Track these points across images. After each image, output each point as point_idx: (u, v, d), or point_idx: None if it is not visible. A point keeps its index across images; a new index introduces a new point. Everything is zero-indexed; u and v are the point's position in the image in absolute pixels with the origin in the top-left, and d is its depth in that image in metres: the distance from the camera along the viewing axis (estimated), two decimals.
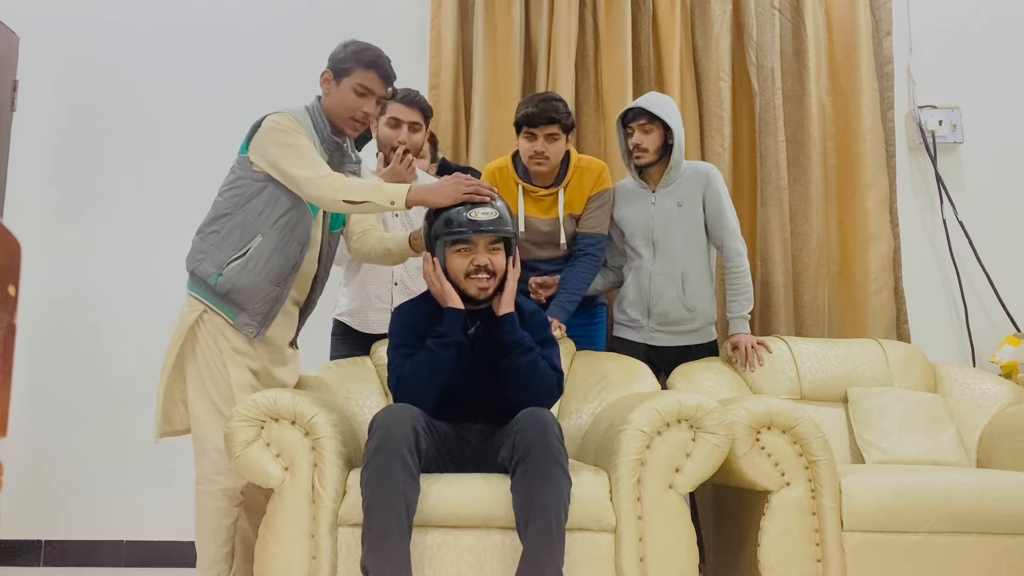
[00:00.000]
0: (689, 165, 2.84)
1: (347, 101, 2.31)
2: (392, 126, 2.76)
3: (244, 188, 2.29)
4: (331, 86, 2.34)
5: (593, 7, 3.47)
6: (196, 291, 2.30)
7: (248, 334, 2.28)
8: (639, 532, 1.98)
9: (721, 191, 2.80)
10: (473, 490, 1.97)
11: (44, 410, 3.36)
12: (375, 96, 2.33)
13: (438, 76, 3.43)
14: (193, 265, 2.30)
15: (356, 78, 2.30)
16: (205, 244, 2.30)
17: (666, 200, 2.81)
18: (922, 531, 2.15)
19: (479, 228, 2.14)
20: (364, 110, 2.32)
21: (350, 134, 2.38)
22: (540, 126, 2.72)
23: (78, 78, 3.57)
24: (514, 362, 2.13)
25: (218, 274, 2.26)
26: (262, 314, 2.30)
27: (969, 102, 3.63)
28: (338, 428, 2.06)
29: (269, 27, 3.61)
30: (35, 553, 3.29)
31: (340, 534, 1.97)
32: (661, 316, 2.81)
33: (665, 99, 2.82)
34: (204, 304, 2.27)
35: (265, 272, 2.27)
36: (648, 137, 2.77)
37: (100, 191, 3.51)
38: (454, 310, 2.17)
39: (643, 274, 2.82)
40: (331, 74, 2.34)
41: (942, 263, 3.55)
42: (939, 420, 2.70)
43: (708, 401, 2.06)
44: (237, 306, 2.27)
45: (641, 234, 2.83)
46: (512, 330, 2.16)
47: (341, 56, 2.33)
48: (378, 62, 2.32)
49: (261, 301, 2.29)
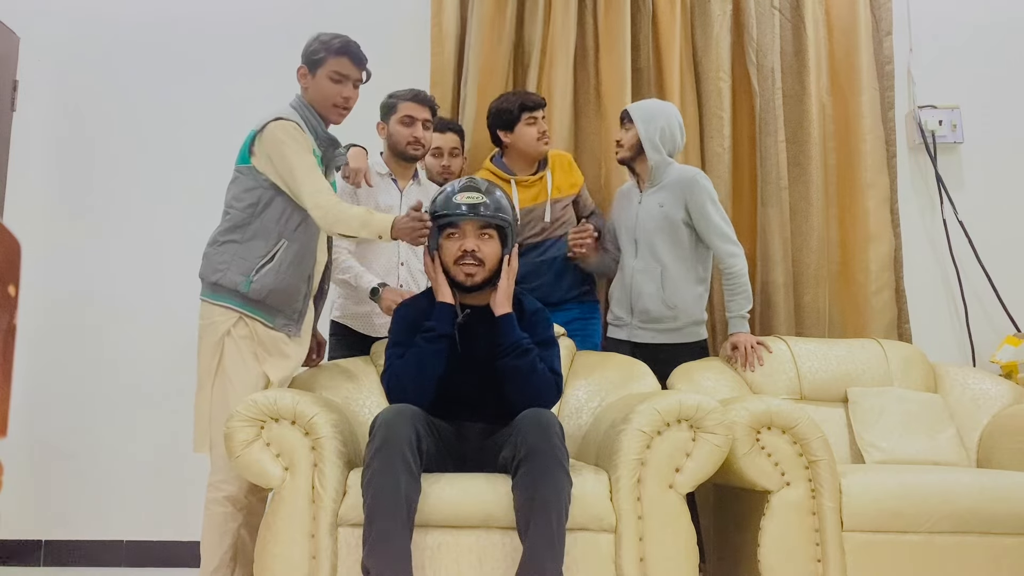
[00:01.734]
0: (677, 169, 2.88)
1: (325, 90, 2.38)
2: (406, 124, 2.82)
3: (258, 196, 2.32)
4: (307, 80, 2.42)
5: (593, 7, 3.47)
6: (226, 300, 2.30)
7: (289, 333, 2.33)
8: (639, 532, 1.98)
9: (703, 196, 2.80)
10: (474, 490, 1.97)
11: (44, 410, 3.36)
12: (351, 80, 2.40)
13: (439, 74, 3.43)
14: (216, 276, 2.31)
15: (330, 66, 2.37)
16: (225, 255, 2.31)
17: (650, 200, 2.87)
18: (922, 531, 2.15)
19: (464, 211, 2.17)
20: (343, 95, 2.39)
21: (335, 120, 2.43)
22: (539, 108, 2.96)
23: (78, 78, 3.57)
24: (511, 364, 2.13)
25: (248, 281, 2.28)
26: (297, 311, 2.36)
27: (969, 102, 3.62)
28: (338, 428, 2.06)
29: (269, 28, 3.61)
30: (35, 553, 3.29)
31: (340, 534, 1.97)
32: (642, 313, 2.84)
33: (651, 103, 2.93)
34: (238, 312, 2.29)
35: (297, 272, 2.34)
36: (626, 135, 2.91)
37: (100, 191, 3.50)
38: (444, 304, 2.18)
39: (626, 271, 2.89)
40: (306, 68, 2.42)
41: (942, 263, 3.55)
42: (939, 420, 2.70)
43: (708, 401, 2.06)
44: (273, 308, 2.31)
45: (626, 232, 2.91)
46: (510, 331, 2.16)
47: (313, 48, 2.41)
48: (348, 47, 2.39)
49: (295, 299, 2.34)
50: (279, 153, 2.27)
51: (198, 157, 3.52)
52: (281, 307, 2.31)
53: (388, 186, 2.88)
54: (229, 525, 2.27)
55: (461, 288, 2.21)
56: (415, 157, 2.88)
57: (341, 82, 2.38)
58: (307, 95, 2.42)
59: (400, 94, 2.86)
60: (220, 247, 2.33)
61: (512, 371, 2.13)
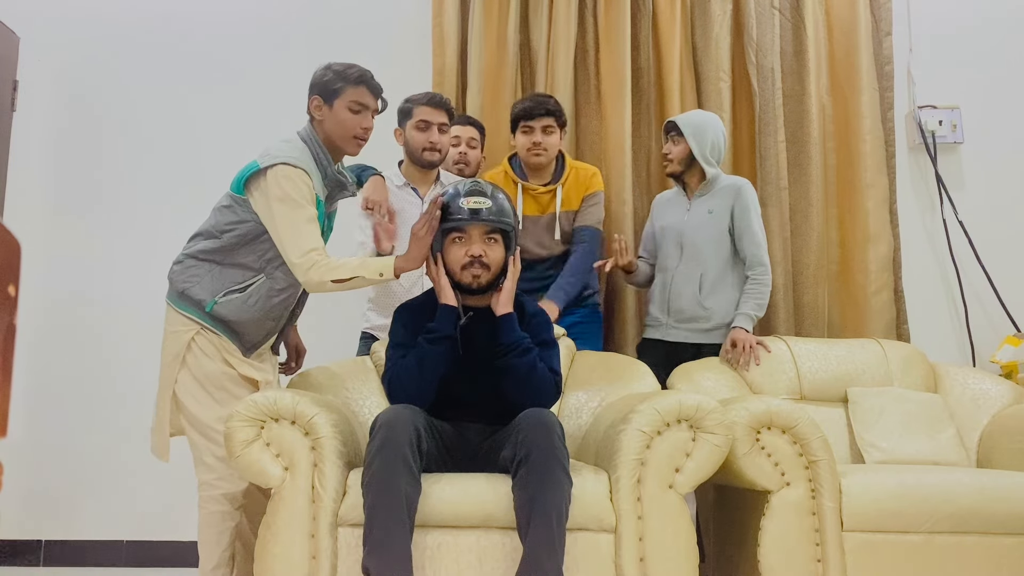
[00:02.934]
0: (726, 178, 2.96)
1: (345, 121, 2.31)
2: (421, 129, 2.79)
3: (248, 229, 2.27)
4: (323, 112, 2.33)
5: (593, 7, 3.47)
6: (188, 311, 2.28)
7: (239, 348, 2.30)
8: (639, 532, 1.98)
9: (750, 205, 2.90)
10: (474, 490, 1.97)
11: (44, 410, 3.36)
12: (370, 110, 2.35)
13: (441, 75, 3.43)
14: (182, 285, 2.29)
15: (349, 96, 2.31)
16: (199, 269, 2.29)
17: (700, 208, 2.93)
18: (922, 531, 2.15)
19: (469, 216, 2.16)
20: (363, 126, 2.33)
21: (352, 152, 2.37)
22: (537, 118, 2.87)
23: (78, 78, 3.57)
24: (511, 363, 2.13)
25: (213, 302, 2.26)
26: (253, 345, 2.32)
27: (969, 102, 3.62)
28: (338, 428, 2.06)
29: (270, 27, 3.61)
30: (35, 553, 3.29)
31: (340, 534, 1.97)
32: (677, 312, 2.90)
33: (699, 116, 2.96)
34: (198, 324, 2.27)
35: (265, 310, 2.30)
36: (675, 148, 2.94)
37: (100, 191, 3.51)
38: (447, 306, 2.17)
39: (668, 274, 2.94)
40: (320, 100, 2.33)
41: (942, 263, 3.55)
42: (939, 420, 2.70)
43: (708, 401, 2.06)
44: (231, 331, 2.28)
45: (672, 237, 2.95)
46: (510, 331, 2.16)
47: (328, 79, 2.32)
48: (365, 76, 2.34)
49: (256, 333, 2.30)
50: (278, 205, 2.20)
51: (198, 157, 3.52)
52: (239, 333, 2.28)
53: (407, 196, 2.83)
54: (227, 524, 2.26)
55: (463, 290, 2.21)
56: (432, 163, 2.82)
57: (360, 112, 2.32)
58: (322, 127, 2.33)
59: (416, 98, 2.81)
60: (198, 261, 2.29)
61: (512, 370, 2.13)
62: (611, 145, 3.36)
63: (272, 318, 2.33)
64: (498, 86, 3.39)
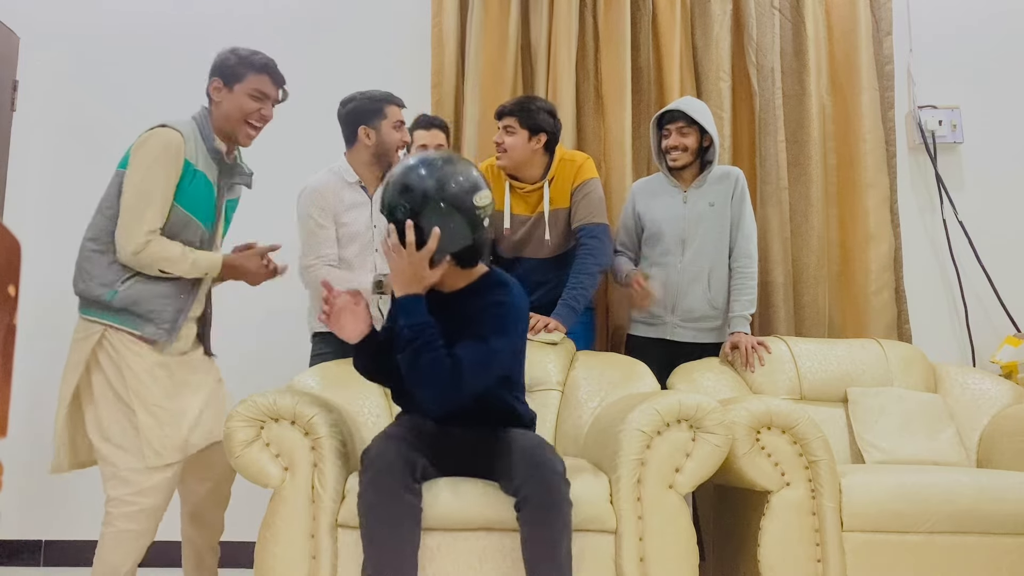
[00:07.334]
0: (718, 168, 2.94)
1: (244, 105, 2.30)
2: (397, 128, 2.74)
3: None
4: (223, 93, 2.32)
5: (593, 7, 3.47)
6: (91, 313, 2.21)
7: (160, 339, 2.22)
8: (639, 532, 1.98)
9: (745, 194, 2.92)
10: (472, 496, 1.96)
11: (44, 410, 3.36)
12: (270, 100, 2.35)
13: (440, 75, 3.43)
14: (80, 287, 2.23)
15: (251, 83, 2.31)
16: (90, 264, 2.22)
17: (699, 200, 2.90)
18: (922, 531, 2.15)
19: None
20: (261, 113, 2.33)
21: (244, 142, 2.34)
22: (500, 118, 2.85)
23: (78, 78, 3.57)
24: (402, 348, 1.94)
25: (113, 292, 2.20)
26: (169, 322, 2.24)
27: (969, 102, 3.63)
28: (338, 428, 2.06)
29: (269, 27, 3.61)
30: (35, 553, 3.29)
31: (340, 534, 1.97)
32: (686, 312, 2.88)
33: (703, 105, 2.94)
34: (102, 324, 2.19)
35: (170, 283, 2.25)
36: (686, 140, 2.89)
37: (100, 191, 3.50)
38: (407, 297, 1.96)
39: (671, 271, 2.89)
40: (221, 81, 2.32)
41: (942, 263, 3.55)
42: (939, 420, 2.70)
43: (708, 401, 2.06)
44: (141, 318, 2.20)
45: (672, 232, 2.90)
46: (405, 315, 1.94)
47: (232, 63, 2.31)
48: (269, 66, 2.34)
49: (165, 308, 2.23)
50: (137, 162, 2.16)
51: None
52: (149, 316, 2.20)
53: (357, 196, 2.74)
54: (139, 543, 2.15)
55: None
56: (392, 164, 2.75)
57: (261, 99, 2.32)
58: (220, 109, 2.31)
59: (392, 98, 2.75)
60: (87, 256, 2.23)
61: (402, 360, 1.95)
62: (611, 145, 3.36)
63: (182, 291, 2.26)
64: (497, 86, 3.39)
